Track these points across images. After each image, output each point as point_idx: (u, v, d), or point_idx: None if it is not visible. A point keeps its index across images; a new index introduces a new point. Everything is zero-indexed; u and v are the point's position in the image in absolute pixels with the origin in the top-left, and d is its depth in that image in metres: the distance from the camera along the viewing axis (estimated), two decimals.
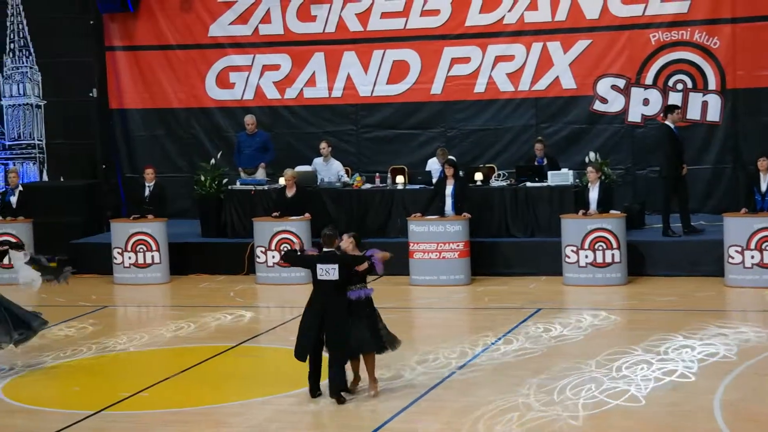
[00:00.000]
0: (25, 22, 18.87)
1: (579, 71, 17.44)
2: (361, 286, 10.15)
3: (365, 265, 10.08)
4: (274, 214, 15.98)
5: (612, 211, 15.21)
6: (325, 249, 10.20)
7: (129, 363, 11.69)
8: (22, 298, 14.60)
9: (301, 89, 18.49)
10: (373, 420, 9.44)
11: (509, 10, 17.59)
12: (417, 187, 16.50)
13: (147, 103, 18.99)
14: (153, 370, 11.33)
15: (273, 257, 15.77)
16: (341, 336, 9.97)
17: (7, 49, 18.93)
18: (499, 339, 12.08)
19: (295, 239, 15.67)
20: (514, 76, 17.70)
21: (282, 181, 16.32)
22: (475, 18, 17.73)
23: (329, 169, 17.07)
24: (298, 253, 11.16)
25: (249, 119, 17.41)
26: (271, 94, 18.59)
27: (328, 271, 9.98)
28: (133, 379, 11.02)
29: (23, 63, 18.98)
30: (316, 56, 18.35)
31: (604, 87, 17.42)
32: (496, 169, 17.01)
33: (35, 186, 18.15)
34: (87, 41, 18.65)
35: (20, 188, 16.85)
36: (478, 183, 16.31)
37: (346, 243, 10.27)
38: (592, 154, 16.23)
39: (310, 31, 18.33)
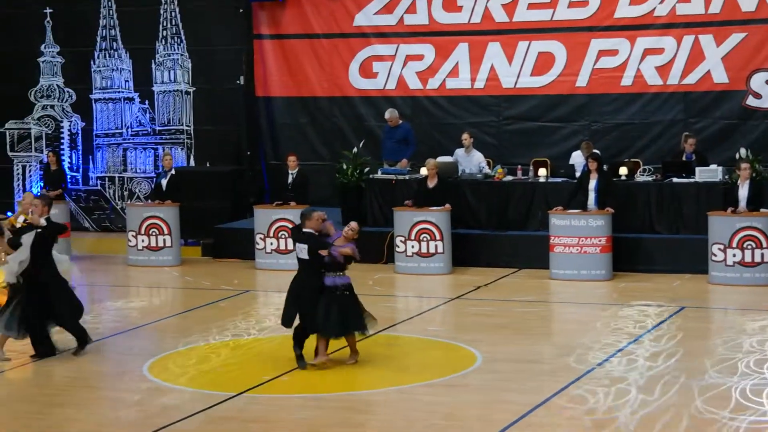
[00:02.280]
0: (177, 9, 19.30)
1: (732, 65, 16.93)
2: (337, 274, 10.68)
3: (326, 252, 10.52)
4: (407, 202, 15.99)
5: (762, 210, 14.73)
6: (304, 229, 10.66)
7: (270, 347, 11.84)
8: (168, 281, 15.00)
9: (444, 80, 18.45)
10: (512, 412, 9.35)
11: (660, 2, 17.19)
12: (559, 180, 16.29)
13: (291, 91, 19.22)
14: (293, 355, 11.44)
15: (412, 247, 15.79)
16: (308, 313, 10.66)
17: (160, 36, 19.41)
18: (641, 336, 11.84)
19: (434, 229, 15.64)
20: (663, 70, 17.30)
21: (423, 171, 16.32)
22: (625, 10, 17.39)
23: (471, 161, 16.99)
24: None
25: (388, 115, 17.46)
26: (414, 84, 18.60)
27: (302, 250, 10.66)
28: (273, 362, 11.17)
29: (174, 50, 19.43)
30: (460, 47, 18.27)
31: (758, 82, 16.87)
32: (641, 163, 16.66)
33: (184, 171, 18.56)
34: (236, 29, 18.98)
35: (172, 172, 17.25)
36: (623, 177, 16.00)
37: (328, 225, 10.81)
38: (743, 151, 15.74)
39: (455, 22, 18.27)
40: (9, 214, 19.71)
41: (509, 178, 16.69)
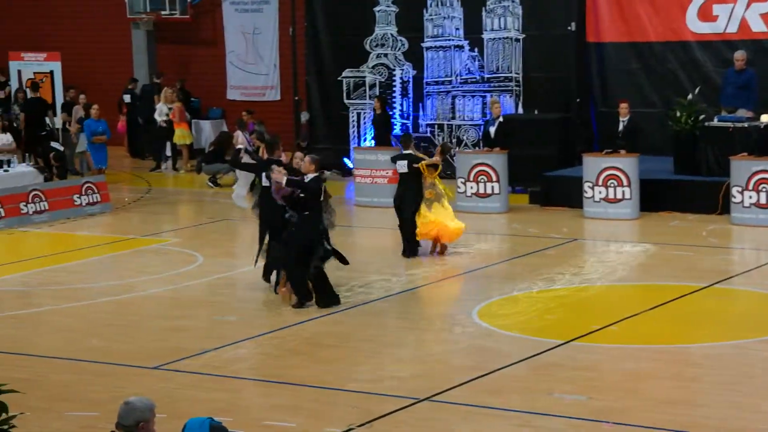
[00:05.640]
0: None
1: None
2: None
3: None
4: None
5: None
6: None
7: (600, 296, 11.68)
8: (496, 228, 14.93)
9: None
10: None
11: None
12: None
13: (623, 36, 18.69)
14: (623, 305, 11.24)
15: (750, 198, 15.04)
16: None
17: None
18: None
19: None
20: None
21: (764, 118, 15.45)
22: None
23: None
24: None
25: (739, 55, 16.60)
26: (757, 26, 17.59)
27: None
28: (603, 312, 11.01)
29: None
30: None
31: None
32: None
33: (512, 118, 18.53)
34: None
35: (500, 119, 17.29)
36: None
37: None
38: None
39: None
40: (345, 159, 20.52)
41: None
